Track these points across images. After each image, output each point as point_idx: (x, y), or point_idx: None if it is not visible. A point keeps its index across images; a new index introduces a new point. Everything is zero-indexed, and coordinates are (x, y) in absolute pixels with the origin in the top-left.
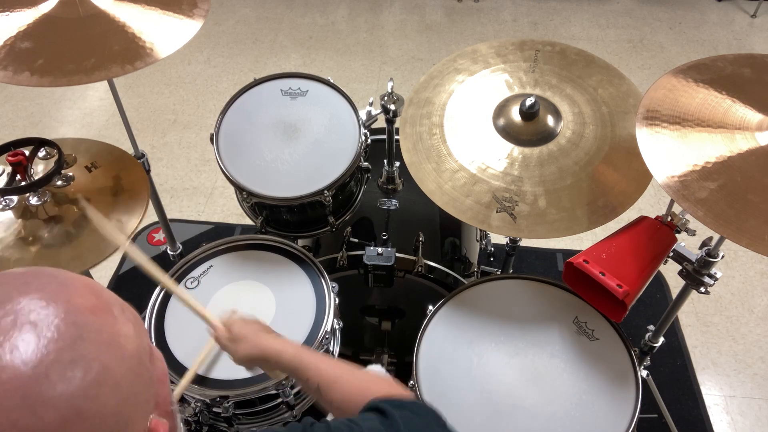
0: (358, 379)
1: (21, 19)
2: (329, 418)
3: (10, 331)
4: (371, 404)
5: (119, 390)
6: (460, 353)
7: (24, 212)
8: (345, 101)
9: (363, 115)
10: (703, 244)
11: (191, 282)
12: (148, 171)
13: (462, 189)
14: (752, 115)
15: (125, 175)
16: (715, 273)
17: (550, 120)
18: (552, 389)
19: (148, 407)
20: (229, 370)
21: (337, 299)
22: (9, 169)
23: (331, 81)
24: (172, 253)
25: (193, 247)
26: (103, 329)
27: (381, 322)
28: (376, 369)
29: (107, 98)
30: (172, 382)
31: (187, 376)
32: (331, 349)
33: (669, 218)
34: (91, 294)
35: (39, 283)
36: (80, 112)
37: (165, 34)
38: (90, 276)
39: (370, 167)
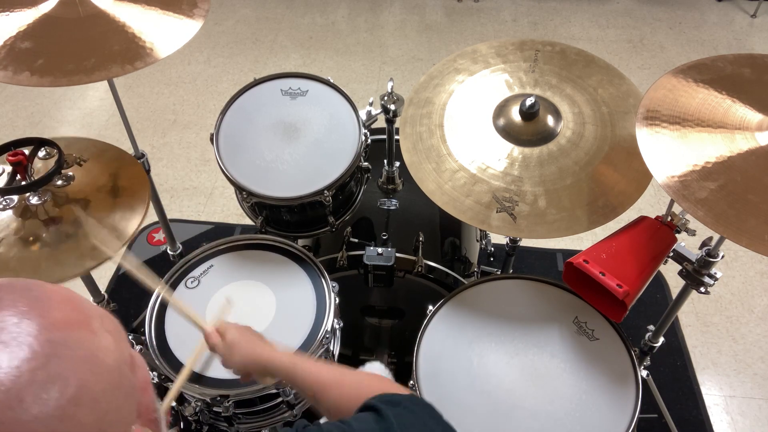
0: (353, 382)
1: (21, 19)
2: (323, 420)
3: None
4: (366, 404)
5: (98, 406)
6: (460, 353)
7: (24, 212)
8: (345, 101)
9: (363, 115)
10: (703, 244)
11: (191, 282)
12: (148, 171)
13: (462, 189)
14: (752, 115)
15: (125, 175)
16: (715, 273)
17: (550, 120)
18: (552, 389)
19: (129, 418)
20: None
21: (337, 299)
22: (9, 168)
23: (331, 81)
24: (172, 253)
25: (193, 247)
26: (80, 345)
27: (381, 322)
28: (376, 366)
29: (107, 98)
30: (170, 380)
31: (183, 375)
32: (331, 348)
33: (669, 218)
34: (67, 307)
35: (11, 299)
36: (80, 112)
37: (165, 34)
38: (90, 276)
39: (370, 167)
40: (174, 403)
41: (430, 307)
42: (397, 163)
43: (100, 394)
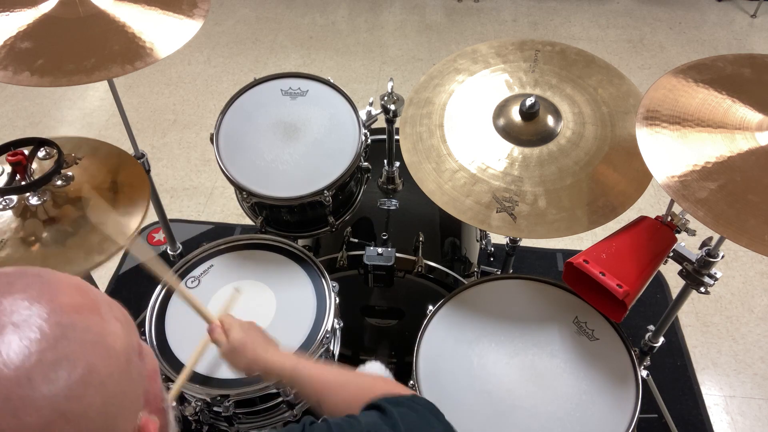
0: (357, 384)
1: (21, 19)
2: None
3: None
4: (371, 403)
5: (105, 389)
6: (460, 353)
7: (24, 212)
8: (345, 101)
9: (363, 115)
10: (703, 244)
11: (192, 281)
12: (148, 171)
13: (462, 189)
14: (752, 115)
15: (125, 176)
16: (715, 273)
17: (550, 120)
18: (552, 389)
19: (137, 405)
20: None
21: (337, 299)
22: (9, 168)
23: (331, 81)
24: (172, 253)
25: (193, 247)
26: (88, 328)
27: (381, 322)
28: (376, 366)
29: (107, 98)
30: (170, 380)
31: (184, 374)
32: (331, 348)
33: (669, 218)
34: (76, 293)
35: (23, 284)
36: (80, 112)
37: (165, 34)
38: (90, 276)
39: (370, 167)
40: (174, 403)
41: (430, 307)
42: (397, 163)
43: (107, 378)
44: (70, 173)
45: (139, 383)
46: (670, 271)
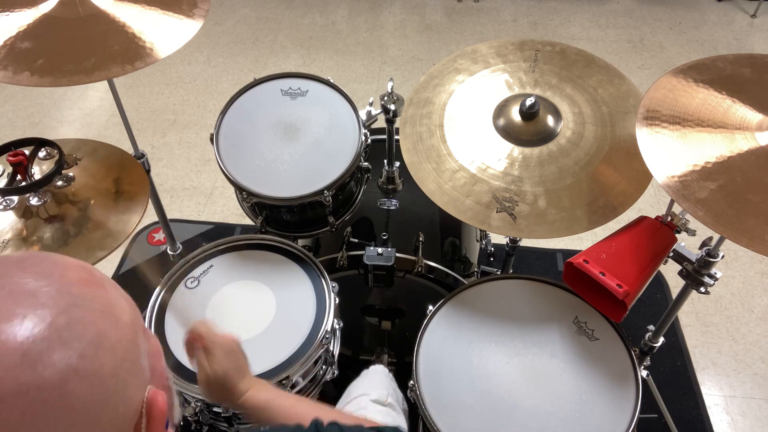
0: (341, 416)
1: (21, 19)
2: None
3: (7, 299)
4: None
5: (115, 353)
6: (460, 353)
7: (25, 212)
8: (345, 101)
9: (363, 115)
10: (703, 244)
11: (191, 282)
12: (148, 171)
13: (462, 189)
14: (752, 115)
15: (125, 175)
16: (715, 273)
17: (550, 120)
18: (552, 389)
19: (145, 376)
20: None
21: (337, 299)
22: (9, 169)
23: (331, 81)
24: (172, 253)
25: (193, 247)
26: (96, 299)
27: (381, 322)
28: (379, 369)
29: (107, 98)
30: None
31: None
32: (331, 348)
33: (669, 218)
34: (83, 270)
35: (34, 260)
36: (80, 112)
37: (165, 34)
38: None
39: (370, 167)
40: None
41: (430, 307)
42: (397, 163)
43: (116, 343)
44: (70, 174)
45: (145, 356)
46: (670, 271)
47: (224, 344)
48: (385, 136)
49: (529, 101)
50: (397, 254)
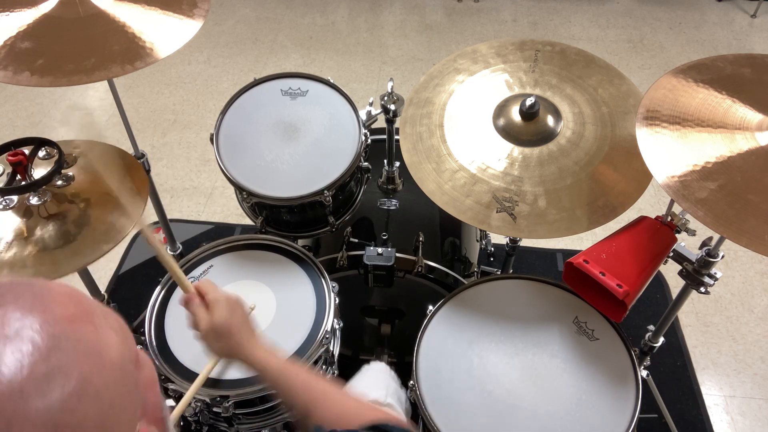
0: (352, 399)
1: (21, 19)
2: None
3: None
4: (377, 425)
5: (101, 401)
6: (460, 353)
7: (25, 212)
8: (345, 101)
9: (363, 115)
10: (703, 244)
11: (191, 282)
12: (148, 171)
13: (462, 189)
14: (752, 115)
15: (125, 175)
16: (715, 273)
17: (550, 120)
18: (552, 389)
19: (134, 416)
20: (229, 370)
21: (337, 299)
22: (9, 169)
23: (331, 81)
24: (172, 253)
25: (193, 247)
26: (81, 338)
27: (381, 323)
28: (380, 367)
29: (107, 98)
30: (170, 380)
31: (192, 389)
32: (331, 348)
33: (669, 218)
34: (69, 302)
35: (13, 295)
36: (80, 112)
37: (165, 34)
38: (90, 275)
39: (370, 167)
40: (173, 402)
41: (430, 307)
42: (397, 163)
43: (102, 388)
44: (70, 173)
45: (136, 393)
46: (670, 271)
47: (228, 298)
48: (385, 136)
49: (529, 101)
50: (397, 254)
